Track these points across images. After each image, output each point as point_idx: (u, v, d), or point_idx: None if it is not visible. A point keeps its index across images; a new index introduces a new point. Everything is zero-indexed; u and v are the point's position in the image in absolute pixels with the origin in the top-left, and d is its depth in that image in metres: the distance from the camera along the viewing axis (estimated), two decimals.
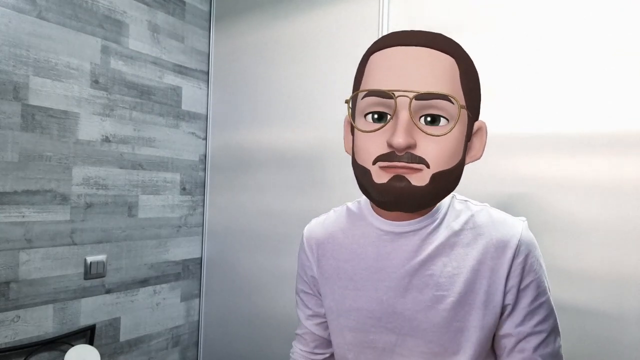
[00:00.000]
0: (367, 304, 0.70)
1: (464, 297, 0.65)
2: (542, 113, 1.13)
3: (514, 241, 0.65)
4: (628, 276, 1.02)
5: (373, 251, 0.70)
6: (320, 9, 1.56)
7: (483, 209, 0.70)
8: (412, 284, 0.67)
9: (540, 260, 0.67)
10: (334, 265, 0.75)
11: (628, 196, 1.03)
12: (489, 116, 1.20)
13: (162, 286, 1.75)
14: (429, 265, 0.66)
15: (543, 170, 1.13)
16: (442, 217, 0.68)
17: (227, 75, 1.85)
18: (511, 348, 0.66)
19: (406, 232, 0.67)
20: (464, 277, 0.65)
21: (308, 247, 0.80)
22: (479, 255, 0.65)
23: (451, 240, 0.66)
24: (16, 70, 1.33)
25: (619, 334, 1.03)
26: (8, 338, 1.33)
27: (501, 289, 0.65)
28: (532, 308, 0.65)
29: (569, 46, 1.10)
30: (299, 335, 0.85)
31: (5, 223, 1.31)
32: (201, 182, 1.90)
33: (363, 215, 0.73)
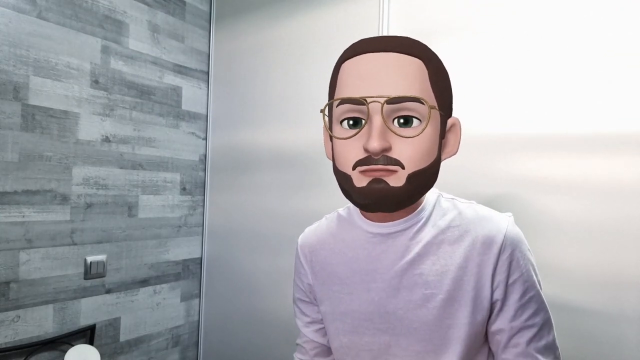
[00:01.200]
0: (360, 306, 0.71)
1: (452, 295, 0.66)
2: (536, 113, 1.13)
3: (499, 237, 0.66)
4: (626, 276, 1.02)
5: (363, 254, 0.72)
6: (320, 9, 1.56)
7: (469, 205, 0.71)
8: (402, 284, 0.68)
9: (527, 254, 0.67)
10: (327, 270, 0.76)
11: (624, 196, 1.03)
12: (482, 116, 1.20)
13: (162, 286, 1.75)
14: (418, 264, 0.68)
15: (536, 170, 1.13)
16: (427, 216, 0.69)
17: (227, 75, 1.85)
18: (505, 343, 0.67)
19: (393, 232, 0.69)
20: (451, 275, 0.66)
21: (302, 255, 0.82)
22: (465, 252, 0.67)
23: (438, 238, 0.68)
24: (16, 70, 1.33)
25: (617, 334, 1.03)
26: (8, 338, 1.33)
27: (488, 284, 0.66)
28: (522, 303, 0.66)
29: (565, 46, 1.10)
30: (299, 345, 0.86)
31: (5, 223, 1.32)
32: (201, 182, 1.90)
33: (352, 219, 0.75)
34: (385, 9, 1.40)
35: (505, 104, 1.18)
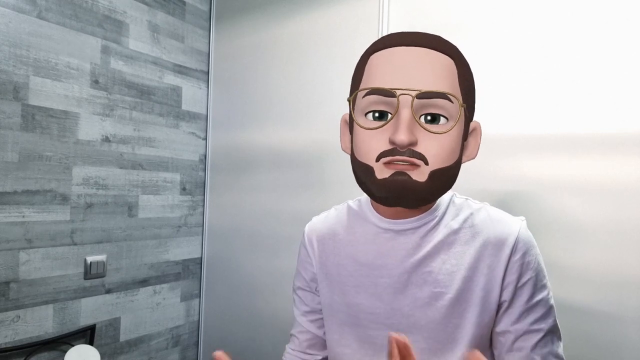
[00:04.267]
0: (366, 300, 0.71)
1: (461, 294, 0.66)
2: (543, 113, 1.13)
3: (511, 239, 0.65)
4: (628, 277, 1.02)
5: (373, 248, 0.71)
6: (320, 9, 1.56)
7: (482, 207, 0.71)
8: (410, 281, 0.68)
9: (538, 259, 0.67)
10: (334, 261, 0.76)
11: (628, 196, 1.03)
12: (490, 116, 1.20)
13: (162, 286, 1.75)
14: (428, 262, 0.67)
15: (543, 170, 1.13)
16: (441, 215, 0.69)
17: (227, 75, 1.85)
18: (509, 346, 0.66)
19: (405, 229, 0.68)
20: (462, 275, 0.66)
21: (309, 243, 0.81)
22: (476, 253, 0.66)
23: (450, 238, 0.67)
24: (16, 70, 1.33)
25: (619, 334, 1.03)
26: (8, 338, 1.33)
27: (498, 286, 0.65)
28: (529, 306, 0.65)
29: (570, 46, 1.10)
30: (293, 335, 0.86)
31: (5, 223, 1.31)
32: (201, 182, 1.90)
33: (363, 213, 0.74)
34: (385, 9, 1.40)
35: (506, 104, 1.18)
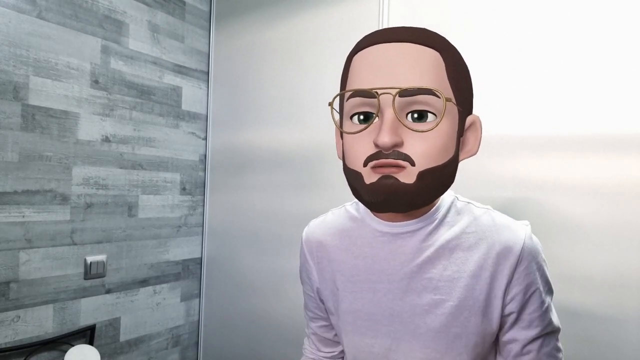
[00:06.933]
0: (363, 307, 0.69)
1: (463, 303, 0.63)
2: (544, 114, 1.13)
3: (517, 248, 0.63)
4: (629, 279, 1.02)
5: (371, 252, 0.69)
6: (320, 9, 1.56)
7: (486, 212, 0.68)
8: (410, 287, 0.65)
9: (543, 265, 0.65)
10: (332, 267, 0.74)
11: (630, 198, 1.03)
12: (490, 116, 1.20)
13: (162, 286, 1.75)
14: (429, 268, 0.64)
15: (544, 172, 1.13)
16: (441, 218, 0.66)
17: (227, 75, 1.85)
18: (518, 352, 0.65)
19: (403, 232, 0.66)
20: (464, 282, 0.63)
21: (307, 249, 0.79)
22: (480, 260, 0.63)
23: (452, 243, 0.65)
24: (16, 70, 1.33)
25: (620, 336, 1.03)
26: (8, 338, 1.33)
27: (500, 295, 0.63)
28: (539, 313, 0.64)
29: (570, 47, 1.10)
30: (308, 333, 0.87)
31: (5, 223, 1.31)
32: (201, 182, 1.90)
33: (361, 216, 0.72)
34: (385, 8, 1.40)
35: (506, 105, 1.18)
